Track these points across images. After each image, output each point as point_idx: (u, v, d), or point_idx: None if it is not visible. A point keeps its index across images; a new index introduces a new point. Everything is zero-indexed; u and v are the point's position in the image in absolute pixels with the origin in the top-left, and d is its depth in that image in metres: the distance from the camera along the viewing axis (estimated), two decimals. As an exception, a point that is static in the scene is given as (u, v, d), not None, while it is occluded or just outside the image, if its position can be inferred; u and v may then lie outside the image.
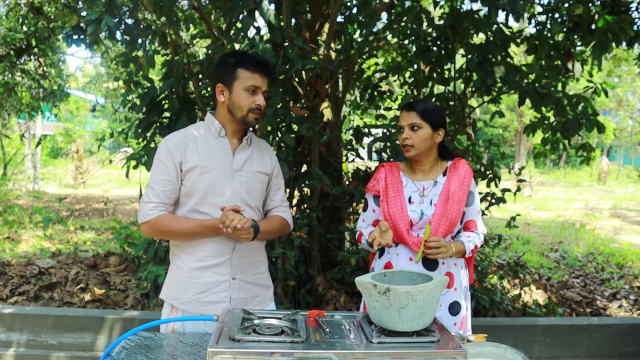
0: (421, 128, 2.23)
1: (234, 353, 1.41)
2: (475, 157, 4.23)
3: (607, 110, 28.42)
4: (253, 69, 2.02)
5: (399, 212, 2.25)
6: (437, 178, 2.31)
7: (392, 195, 2.30)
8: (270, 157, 2.24)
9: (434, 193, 2.28)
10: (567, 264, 6.94)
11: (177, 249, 2.11)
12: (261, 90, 2.04)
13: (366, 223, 2.42)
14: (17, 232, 7.34)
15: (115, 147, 19.78)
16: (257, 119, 2.07)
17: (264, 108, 2.08)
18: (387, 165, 2.40)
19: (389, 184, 2.33)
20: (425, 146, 2.26)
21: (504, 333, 3.76)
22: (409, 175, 2.35)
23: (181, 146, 2.03)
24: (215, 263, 2.06)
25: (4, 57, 8.47)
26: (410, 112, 2.25)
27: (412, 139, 2.23)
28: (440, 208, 2.24)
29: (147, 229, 2.05)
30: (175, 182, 2.03)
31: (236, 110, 2.04)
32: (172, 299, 2.09)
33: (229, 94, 2.04)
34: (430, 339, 1.53)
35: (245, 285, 2.11)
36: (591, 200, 15.49)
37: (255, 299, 2.15)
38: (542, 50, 3.93)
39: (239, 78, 2.02)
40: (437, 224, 2.22)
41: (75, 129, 22.66)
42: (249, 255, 2.12)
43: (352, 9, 4.45)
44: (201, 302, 2.05)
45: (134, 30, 3.64)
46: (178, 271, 2.10)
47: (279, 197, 2.26)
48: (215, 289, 2.06)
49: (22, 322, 3.64)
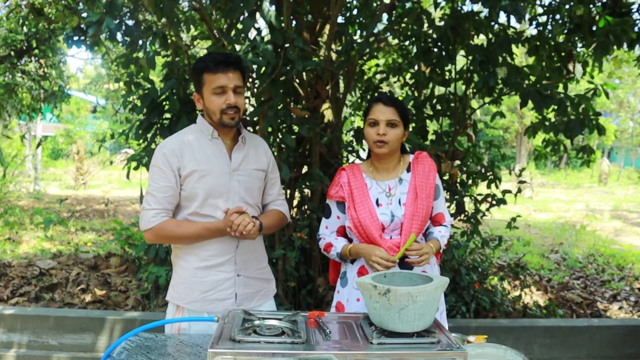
0: (398, 126, 2.18)
1: (234, 354, 1.41)
2: (476, 159, 4.23)
3: (608, 112, 28.40)
4: (214, 69, 1.98)
5: (368, 217, 2.18)
6: (401, 175, 2.26)
7: (359, 201, 2.21)
8: (265, 151, 2.24)
9: (400, 192, 2.23)
10: (568, 266, 6.94)
11: (179, 251, 2.12)
12: (229, 87, 1.99)
13: (330, 230, 2.34)
14: (17, 233, 7.35)
15: (116, 148, 19.80)
16: (234, 118, 2.01)
17: (239, 104, 2.02)
18: (349, 169, 2.31)
19: (354, 188, 2.24)
20: (397, 145, 2.22)
21: (504, 334, 3.76)
22: (372, 175, 2.28)
23: (177, 152, 2.03)
24: (219, 262, 2.08)
25: (5, 58, 8.48)
26: (389, 108, 2.17)
27: (389, 135, 2.16)
28: (410, 207, 2.18)
29: (151, 236, 2.06)
30: (175, 188, 2.04)
31: (212, 115, 2.03)
32: (179, 299, 2.09)
33: (202, 100, 2.04)
34: (431, 340, 1.53)
35: (249, 280, 2.14)
36: (592, 202, 15.48)
37: (259, 293, 2.18)
38: (543, 52, 3.92)
39: (205, 83, 2.01)
40: (410, 224, 2.17)
41: (76, 130, 22.67)
42: (251, 252, 2.15)
43: (352, 10, 4.45)
44: (207, 301, 2.06)
45: (134, 32, 3.64)
46: (182, 272, 2.11)
47: (275, 191, 2.28)
48: (221, 287, 2.07)
49: (23, 323, 3.64)
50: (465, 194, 4.12)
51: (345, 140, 4.34)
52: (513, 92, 3.91)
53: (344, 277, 2.32)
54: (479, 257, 4.80)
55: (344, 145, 4.22)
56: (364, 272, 2.21)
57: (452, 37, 3.89)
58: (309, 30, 3.88)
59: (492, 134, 26.36)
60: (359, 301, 2.22)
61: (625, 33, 3.51)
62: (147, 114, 3.41)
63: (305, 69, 3.31)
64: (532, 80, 3.88)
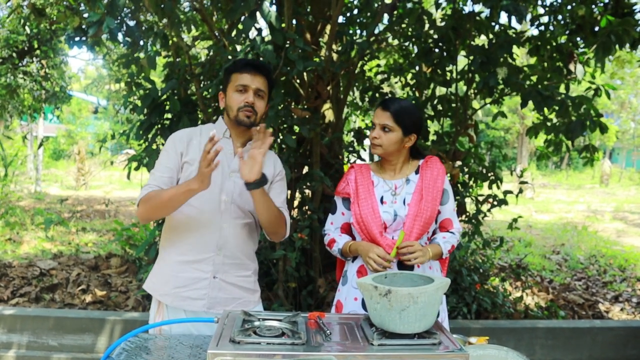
0: (392, 131, 2.17)
1: (234, 355, 1.41)
2: (477, 159, 4.22)
3: (609, 113, 28.38)
4: (241, 69, 2.08)
5: (370, 214, 2.18)
6: (409, 176, 2.26)
7: (363, 197, 2.23)
8: (275, 164, 2.22)
9: (406, 192, 2.23)
10: (569, 267, 6.93)
11: (165, 242, 2.16)
12: (251, 88, 2.06)
13: (334, 226, 2.36)
14: (18, 233, 7.35)
15: (117, 149, 19.83)
16: (249, 117, 2.06)
17: (258, 106, 2.08)
18: (357, 167, 2.33)
19: (360, 185, 2.26)
20: (393, 148, 2.21)
21: (505, 335, 3.75)
22: (379, 174, 2.29)
23: (185, 139, 2.12)
24: (197, 259, 2.08)
25: (7, 59, 8.49)
26: (385, 112, 2.18)
27: (381, 139, 2.18)
28: (414, 207, 2.17)
29: (141, 208, 2.05)
30: (174, 170, 2.08)
31: (229, 111, 2.10)
32: (153, 290, 2.13)
33: (225, 98, 2.13)
34: (432, 341, 1.52)
35: (226, 285, 2.11)
36: (593, 203, 15.47)
37: (236, 301, 2.13)
38: (544, 52, 3.91)
39: (231, 81, 2.10)
40: (412, 224, 2.16)
41: (77, 131, 22.71)
42: (233, 257, 2.12)
43: (353, 10, 4.45)
44: (180, 297, 2.07)
45: (135, 32, 3.64)
46: (162, 263, 2.15)
47: (280, 200, 2.22)
48: (195, 286, 2.07)
49: (23, 323, 3.64)
50: (467, 195, 4.11)
51: (346, 140, 4.34)
52: (514, 93, 3.91)
53: (345, 276, 2.32)
54: (480, 258, 4.79)
55: (344, 145, 4.22)
56: (363, 271, 2.21)
57: (454, 38, 3.88)
58: (310, 31, 3.88)
59: (494, 135, 26.34)
60: (357, 300, 2.21)
61: (626, 33, 3.49)
62: (148, 114, 3.41)
63: (306, 70, 3.30)
64: (533, 81, 3.87)
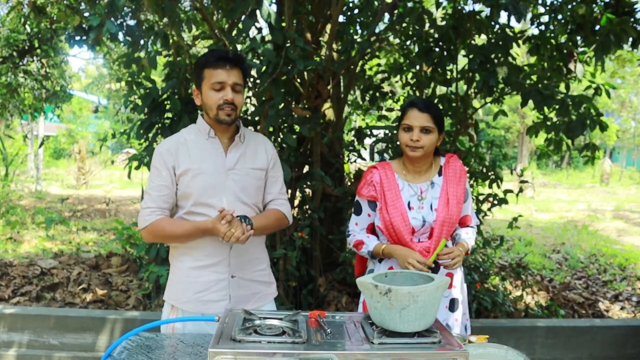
0: (432, 132, 2.20)
1: (234, 353, 1.41)
2: (478, 159, 4.23)
3: (609, 112, 28.34)
4: (215, 65, 1.99)
5: (400, 220, 2.22)
6: (433, 179, 2.30)
7: (392, 203, 2.24)
8: (266, 150, 2.20)
9: (432, 196, 2.27)
10: (570, 266, 6.93)
11: (175, 251, 2.13)
12: (228, 84, 1.99)
13: (360, 227, 2.37)
14: (19, 232, 7.36)
15: (118, 148, 19.82)
16: (230, 115, 2.01)
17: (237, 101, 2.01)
18: (380, 167, 2.32)
19: (386, 190, 2.27)
20: (431, 150, 2.25)
21: (505, 334, 3.75)
22: (403, 177, 2.30)
23: (173, 151, 2.05)
24: (213, 262, 2.07)
25: (7, 58, 8.48)
26: (424, 114, 2.19)
27: (422, 140, 2.19)
28: (442, 213, 2.23)
29: (146, 234, 2.08)
30: (170, 187, 2.05)
31: (209, 110, 2.04)
32: (173, 299, 2.11)
33: (201, 95, 2.05)
34: (432, 340, 1.53)
35: (244, 282, 2.12)
36: (593, 202, 15.45)
37: (255, 296, 2.16)
38: (544, 51, 3.92)
39: (205, 78, 2.01)
40: (440, 230, 2.23)
41: (77, 130, 22.73)
42: (247, 253, 2.12)
43: (354, 9, 4.45)
44: (201, 301, 2.05)
45: (136, 32, 3.64)
46: (177, 271, 2.12)
47: (276, 190, 2.22)
48: (214, 288, 2.07)
49: (24, 322, 3.64)
50: (467, 194, 4.11)
51: (346, 139, 4.34)
52: (514, 92, 3.91)
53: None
54: (480, 257, 4.79)
55: (345, 144, 4.22)
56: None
57: (454, 37, 3.88)
58: (310, 30, 3.88)
59: (494, 134, 26.32)
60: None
61: (625, 32, 3.49)
62: (148, 113, 3.41)
63: (306, 69, 3.30)
64: (533, 80, 3.87)
